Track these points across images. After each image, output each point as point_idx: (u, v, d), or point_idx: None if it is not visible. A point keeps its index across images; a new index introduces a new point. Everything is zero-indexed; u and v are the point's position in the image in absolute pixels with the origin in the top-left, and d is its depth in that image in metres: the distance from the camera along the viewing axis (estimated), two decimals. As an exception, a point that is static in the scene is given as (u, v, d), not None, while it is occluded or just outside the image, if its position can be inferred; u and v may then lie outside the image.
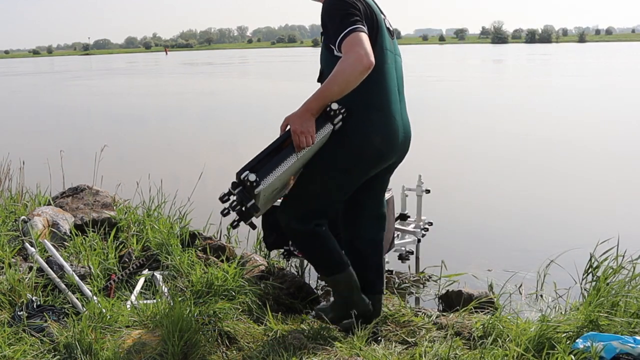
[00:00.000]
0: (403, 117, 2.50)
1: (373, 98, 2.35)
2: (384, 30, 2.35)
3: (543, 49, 69.37)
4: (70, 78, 33.89)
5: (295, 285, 3.36)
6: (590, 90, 17.59)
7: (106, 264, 3.33)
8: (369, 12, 2.29)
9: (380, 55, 2.30)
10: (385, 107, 2.38)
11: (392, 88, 2.41)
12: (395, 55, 2.48)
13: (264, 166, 2.18)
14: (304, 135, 2.20)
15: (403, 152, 2.58)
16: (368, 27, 2.24)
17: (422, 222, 4.12)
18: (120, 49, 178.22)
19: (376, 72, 2.26)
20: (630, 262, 3.16)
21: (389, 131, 2.39)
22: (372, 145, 2.36)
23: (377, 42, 2.30)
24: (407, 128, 2.54)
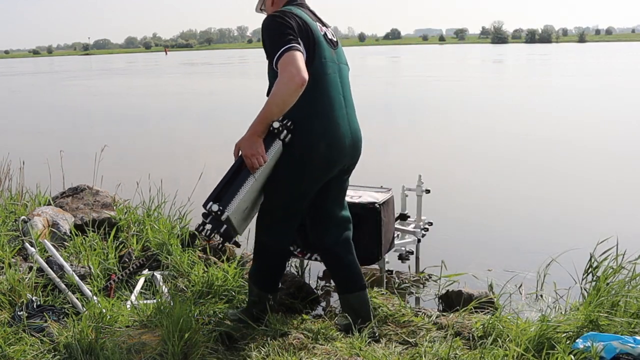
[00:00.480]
0: (350, 123, 2.59)
1: (316, 107, 2.46)
2: (321, 43, 2.47)
3: (543, 49, 69.40)
4: (68, 78, 33.90)
5: (295, 285, 3.36)
6: (590, 90, 17.60)
7: (106, 264, 3.33)
8: (304, 28, 2.40)
9: (320, 66, 2.44)
10: (328, 115, 2.48)
11: (334, 96, 2.51)
12: (339, 64, 2.59)
13: (225, 194, 2.33)
14: (254, 157, 2.33)
15: (354, 157, 2.67)
16: (304, 42, 2.38)
17: (422, 222, 4.12)
18: (120, 49, 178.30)
19: (317, 82, 2.42)
20: (630, 262, 3.16)
21: (333, 137, 2.49)
22: (318, 152, 2.47)
23: (316, 54, 2.42)
24: (355, 133, 2.62)
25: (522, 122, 11.21)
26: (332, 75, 2.51)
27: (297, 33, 2.36)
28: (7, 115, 15.57)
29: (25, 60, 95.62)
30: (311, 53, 2.40)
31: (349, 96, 2.63)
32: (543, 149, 8.52)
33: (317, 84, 2.44)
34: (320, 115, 2.47)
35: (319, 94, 2.46)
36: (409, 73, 29.01)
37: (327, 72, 2.49)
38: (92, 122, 13.46)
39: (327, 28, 2.59)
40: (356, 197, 3.45)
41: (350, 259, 2.72)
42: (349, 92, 2.63)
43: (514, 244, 4.65)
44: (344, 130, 2.53)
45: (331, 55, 2.53)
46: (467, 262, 4.13)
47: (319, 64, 2.45)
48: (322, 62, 2.46)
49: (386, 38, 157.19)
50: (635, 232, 4.50)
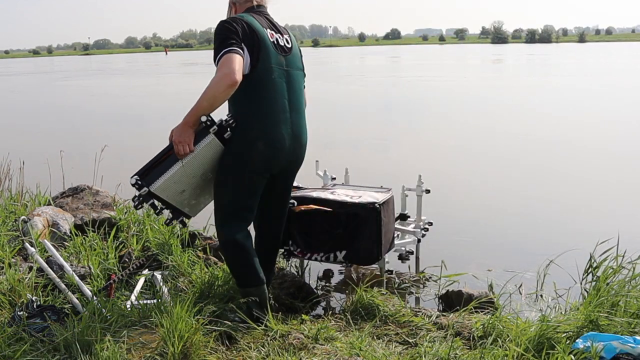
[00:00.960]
0: (293, 126, 2.73)
1: (256, 108, 2.63)
2: (267, 48, 2.61)
3: (543, 49, 69.40)
4: (67, 78, 33.89)
5: (295, 285, 3.36)
6: (590, 90, 17.60)
7: (106, 264, 3.33)
8: (250, 33, 2.57)
9: (263, 70, 2.61)
10: (268, 116, 2.65)
11: (277, 99, 2.66)
12: (289, 69, 2.72)
13: (151, 172, 2.61)
14: (181, 144, 2.55)
15: (295, 158, 2.82)
16: (249, 46, 2.55)
17: (422, 222, 4.12)
18: (120, 49, 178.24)
19: (260, 84, 2.61)
20: (630, 262, 3.16)
21: (271, 138, 2.66)
22: (257, 150, 2.64)
23: (260, 58, 2.59)
24: (297, 136, 2.76)
25: (522, 122, 11.22)
26: (276, 79, 2.65)
27: (242, 38, 2.53)
28: (7, 115, 15.57)
29: (25, 60, 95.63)
30: (255, 57, 2.57)
31: (296, 101, 2.75)
32: (543, 149, 8.52)
33: (260, 86, 2.62)
34: (260, 115, 2.64)
35: (261, 96, 2.63)
36: (409, 73, 29.01)
37: (272, 76, 2.63)
38: (92, 122, 13.46)
39: (281, 35, 2.73)
40: (356, 197, 3.45)
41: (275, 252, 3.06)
42: (296, 97, 2.75)
43: (514, 244, 4.65)
44: (284, 132, 2.68)
45: (278, 60, 2.67)
46: (467, 262, 4.13)
47: (263, 67, 2.60)
48: (266, 66, 2.61)
49: (386, 38, 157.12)
50: (635, 232, 4.50)
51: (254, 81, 2.58)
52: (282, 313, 2.99)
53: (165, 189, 2.64)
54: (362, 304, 3.00)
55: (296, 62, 2.79)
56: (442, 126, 11.23)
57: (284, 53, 2.70)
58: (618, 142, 8.95)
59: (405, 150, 9.02)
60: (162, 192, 2.64)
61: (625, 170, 7.12)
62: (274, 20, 2.76)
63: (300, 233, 3.46)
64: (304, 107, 2.82)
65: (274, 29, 2.70)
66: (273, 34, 2.68)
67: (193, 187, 2.76)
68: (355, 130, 11.04)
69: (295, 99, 2.74)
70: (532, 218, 5.31)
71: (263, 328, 2.69)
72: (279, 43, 2.69)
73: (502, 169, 7.44)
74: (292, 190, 3.67)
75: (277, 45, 2.68)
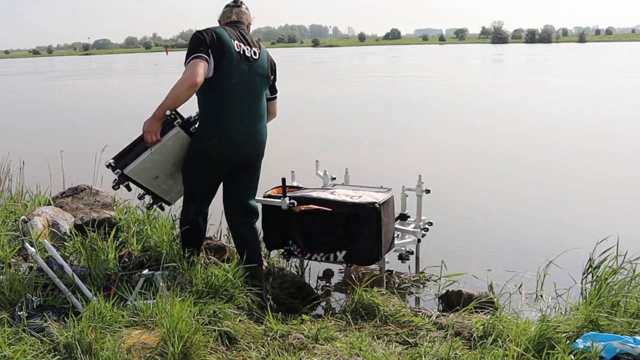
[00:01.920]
0: (249, 126, 3.07)
1: (215, 107, 3.02)
2: (231, 57, 2.96)
3: (543, 49, 69.38)
4: (66, 78, 33.89)
5: (295, 285, 3.36)
6: (590, 90, 17.61)
7: (106, 264, 3.32)
8: (218, 43, 2.93)
9: (225, 76, 2.96)
10: (224, 116, 3.01)
11: (234, 100, 3.01)
12: (252, 76, 3.06)
13: (124, 157, 3.01)
14: (149, 134, 2.96)
15: (249, 155, 3.14)
16: (215, 53, 2.92)
17: (422, 222, 4.12)
18: (121, 49, 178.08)
19: (220, 87, 2.98)
20: (630, 262, 3.16)
21: (226, 134, 3.01)
22: (211, 145, 3.02)
23: (222, 65, 2.94)
24: (252, 136, 3.09)
25: (522, 122, 11.22)
26: (236, 84, 3.00)
27: (209, 45, 2.91)
28: (7, 115, 15.57)
29: (24, 60, 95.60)
30: (219, 62, 2.93)
31: (255, 105, 3.10)
32: (543, 149, 8.52)
33: (220, 89, 2.98)
34: (217, 114, 3.01)
35: (220, 97, 3.00)
36: (409, 73, 29.00)
37: (231, 80, 2.98)
38: (92, 122, 13.46)
39: (250, 47, 3.07)
40: (356, 197, 3.45)
41: (252, 239, 3.23)
42: (255, 100, 3.10)
43: (514, 244, 4.65)
44: (239, 130, 3.04)
45: (241, 68, 3.00)
46: (467, 262, 4.13)
47: (225, 72, 2.96)
48: (228, 72, 2.96)
49: (386, 38, 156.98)
50: (635, 232, 4.50)
51: (216, 84, 2.96)
52: (282, 313, 3.00)
53: (138, 173, 3.03)
54: (362, 304, 3.00)
55: (262, 71, 3.12)
56: (442, 126, 11.23)
57: (248, 62, 3.04)
58: (618, 142, 8.95)
59: (405, 150, 9.03)
60: (135, 175, 3.03)
61: (625, 170, 7.12)
62: (247, 35, 3.12)
63: (300, 233, 3.46)
64: (262, 110, 3.15)
65: (243, 42, 3.05)
66: (240, 45, 3.03)
67: (166, 174, 3.15)
68: (355, 130, 11.04)
69: (253, 102, 3.09)
70: (532, 218, 5.31)
71: (263, 328, 2.69)
72: (245, 53, 3.04)
73: (502, 169, 7.44)
74: (292, 190, 3.69)
75: (243, 55, 3.02)
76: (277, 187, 3.64)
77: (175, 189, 3.28)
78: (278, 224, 3.52)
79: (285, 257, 3.62)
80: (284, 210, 3.44)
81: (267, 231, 3.58)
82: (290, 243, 3.51)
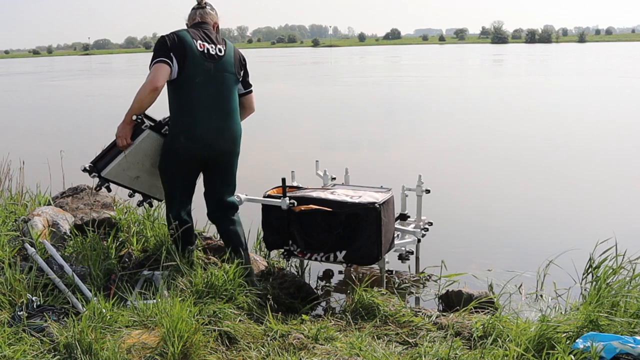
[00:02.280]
0: (218, 122, 3.14)
1: (182, 107, 3.11)
2: (194, 57, 3.06)
3: (543, 49, 69.37)
4: (67, 77, 33.89)
5: (295, 285, 3.36)
6: (590, 90, 17.60)
7: (106, 264, 3.32)
8: (179, 45, 3.04)
9: (189, 75, 3.06)
10: (191, 114, 3.10)
11: (199, 99, 3.10)
12: (217, 73, 3.13)
13: (100, 161, 3.21)
14: (120, 138, 3.12)
15: (223, 149, 3.20)
16: (177, 56, 3.03)
17: (422, 222, 4.12)
18: (121, 49, 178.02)
19: (186, 87, 3.08)
20: (630, 262, 3.16)
21: (192, 133, 3.10)
22: (180, 143, 3.12)
23: (186, 65, 3.05)
24: (222, 131, 3.16)
25: (522, 122, 11.22)
26: (201, 82, 3.09)
27: (171, 48, 3.02)
28: (7, 115, 15.57)
29: (24, 61, 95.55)
30: (182, 64, 3.03)
31: (223, 102, 3.16)
32: (543, 149, 8.52)
33: (185, 88, 3.09)
34: (184, 113, 3.11)
35: (186, 97, 3.10)
36: (409, 73, 29.00)
37: (196, 80, 3.08)
38: (92, 122, 13.46)
39: (215, 45, 3.15)
40: (356, 197, 3.45)
41: (232, 229, 3.34)
42: (224, 98, 3.16)
43: (514, 244, 4.65)
44: (207, 128, 3.11)
45: (205, 66, 3.09)
46: (467, 262, 4.13)
47: (189, 72, 3.06)
48: (191, 72, 3.06)
49: (386, 38, 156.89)
50: (635, 232, 4.50)
51: (181, 84, 3.08)
52: (282, 313, 2.99)
53: (116, 175, 3.20)
54: (362, 304, 3.00)
55: (228, 67, 3.18)
56: (442, 126, 11.23)
57: (213, 60, 3.12)
58: (617, 142, 8.95)
59: (405, 150, 9.03)
60: (113, 177, 3.21)
61: (625, 170, 7.12)
62: (212, 33, 3.21)
63: (300, 233, 3.46)
64: (232, 106, 3.20)
65: (207, 40, 3.14)
66: (204, 44, 3.12)
67: (148, 173, 3.29)
68: (355, 130, 11.04)
69: (221, 99, 3.16)
70: (532, 218, 5.31)
71: (263, 328, 2.69)
72: (209, 52, 3.12)
73: (502, 169, 7.44)
74: (292, 190, 3.69)
75: (207, 53, 3.11)
76: (277, 187, 3.64)
77: (159, 186, 3.41)
78: (278, 224, 3.52)
79: (285, 257, 3.62)
80: (284, 210, 3.44)
81: (267, 231, 3.58)
82: (290, 243, 3.51)
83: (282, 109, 14.65)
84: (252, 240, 4.26)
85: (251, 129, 12.03)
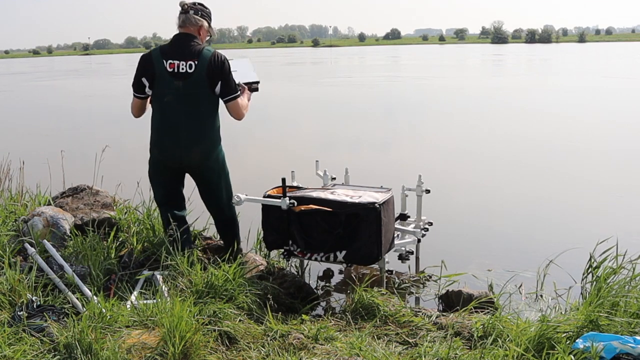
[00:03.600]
0: (186, 135, 3.30)
1: (154, 123, 3.40)
2: (162, 76, 3.25)
3: (543, 49, 69.38)
4: (70, 77, 33.88)
5: (295, 285, 3.36)
6: (590, 90, 17.60)
7: (106, 264, 3.33)
8: (147, 67, 3.29)
9: (157, 94, 3.31)
10: (159, 129, 3.38)
11: (167, 115, 3.31)
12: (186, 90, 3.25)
13: None
14: None
15: (191, 163, 3.39)
16: (147, 77, 3.30)
17: (422, 222, 4.12)
18: (121, 49, 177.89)
19: (155, 104, 3.36)
20: (630, 262, 3.16)
21: (161, 146, 3.39)
22: (154, 155, 3.45)
23: (155, 84, 3.30)
24: (189, 144, 3.31)
25: (522, 123, 11.22)
26: (169, 100, 3.28)
27: (142, 73, 3.32)
28: (7, 115, 15.57)
29: (25, 61, 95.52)
30: (151, 83, 3.31)
31: (192, 116, 3.30)
32: (543, 149, 8.52)
33: (156, 106, 3.37)
34: (156, 129, 3.40)
35: (157, 114, 3.37)
36: (409, 73, 29.00)
37: (164, 99, 3.29)
38: (92, 122, 13.46)
39: (185, 62, 3.24)
40: (356, 197, 3.45)
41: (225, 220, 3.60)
42: (194, 113, 3.29)
43: (514, 244, 4.65)
44: (175, 143, 3.32)
45: (173, 84, 3.24)
46: (467, 262, 4.13)
47: (157, 92, 3.31)
48: (160, 91, 3.29)
49: (386, 38, 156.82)
50: (635, 232, 4.50)
51: (154, 102, 3.37)
52: (282, 313, 2.99)
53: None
54: (362, 304, 3.00)
55: (197, 83, 3.25)
56: (442, 126, 11.23)
57: (181, 79, 3.24)
58: (618, 142, 8.95)
59: (405, 150, 9.03)
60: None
61: (625, 170, 7.12)
62: (187, 47, 3.27)
63: (300, 233, 3.45)
64: (201, 120, 3.31)
65: (177, 58, 3.25)
66: (174, 63, 3.24)
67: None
68: (355, 130, 11.04)
69: (191, 115, 3.29)
70: (532, 218, 5.31)
71: (263, 328, 2.69)
72: (179, 71, 3.24)
73: (502, 169, 7.44)
74: (292, 190, 3.69)
75: (176, 72, 3.24)
76: (277, 187, 3.64)
77: None
78: (278, 224, 3.52)
79: (285, 257, 3.62)
80: (284, 210, 3.44)
81: (267, 231, 3.58)
82: (290, 243, 3.51)
83: (282, 109, 14.65)
84: (252, 240, 4.26)
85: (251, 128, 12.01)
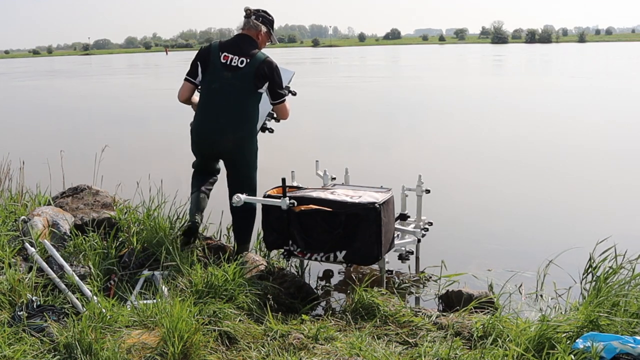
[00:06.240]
0: (223, 123, 3.56)
1: (198, 107, 3.69)
2: (215, 66, 3.57)
3: (543, 49, 69.38)
4: (72, 77, 33.89)
5: (295, 285, 3.36)
6: (590, 90, 17.60)
7: (106, 264, 3.33)
8: (205, 55, 3.63)
9: (208, 81, 3.62)
10: (202, 114, 3.65)
11: (211, 101, 3.60)
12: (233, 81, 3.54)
13: None
14: None
15: (223, 147, 3.63)
16: (202, 63, 3.63)
17: (422, 222, 4.12)
18: (121, 49, 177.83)
19: (203, 90, 3.67)
20: (630, 262, 3.16)
21: (197, 130, 3.68)
22: (192, 138, 3.72)
23: (207, 72, 3.61)
24: (224, 132, 3.57)
25: (522, 123, 11.21)
26: (215, 88, 3.57)
27: (198, 58, 3.65)
28: (7, 115, 15.56)
29: (24, 60, 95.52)
30: (204, 69, 3.61)
31: (233, 105, 3.56)
32: (543, 149, 8.52)
33: (203, 92, 3.66)
34: (198, 113, 3.69)
35: (203, 99, 3.65)
36: (409, 73, 29.00)
37: (212, 85, 3.58)
38: (92, 122, 13.46)
39: (238, 57, 3.56)
40: (356, 197, 3.45)
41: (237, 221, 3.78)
42: (235, 103, 3.55)
43: (514, 244, 4.65)
44: (211, 128, 3.60)
45: (223, 74, 3.55)
46: (467, 262, 4.13)
47: (208, 79, 3.60)
48: (210, 78, 3.59)
49: (386, 38, 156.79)
50: (634, 232, 4.50)
51: (202, 88, 3.67)
52: (282, 313, 2.99)
53: None
54: (362, 304, 3.00)
55: (244, 78, 3.54)
56: (442, 126, 11.23)
57: (232, 70, 3.54)
58: (617, 142, 8.95)
59: (405, 150, 9.03)
60: None
61: (625, 170, 7.12)
62: (244, 45, 3.60)
63: (300, 233, 3.45)
64: (241, 111, 3.56)
65: (233, 52, 3.57)
66: (228, 56, 3.57)
67: None
68: (355, 130, 11.04)
69: (232, 103, 3.55)
70: (532, 218, 5.31)
71: (263, 328, 2.69)
72: (231, 63, 3.55)
73: (502, 169, 7.44)
74: (292, 190, 3.69)
75: (228, 65, 3.55)
76: (277, 187, 3.64)
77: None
78: (278, 224, 3.51)
79: (285, 257, 3.62)
80: (284, 210, 3.44)
81: (267, 231, 3.58)
82: (290, 243, 3.51)
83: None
84: (252, 240, 4.25)
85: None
